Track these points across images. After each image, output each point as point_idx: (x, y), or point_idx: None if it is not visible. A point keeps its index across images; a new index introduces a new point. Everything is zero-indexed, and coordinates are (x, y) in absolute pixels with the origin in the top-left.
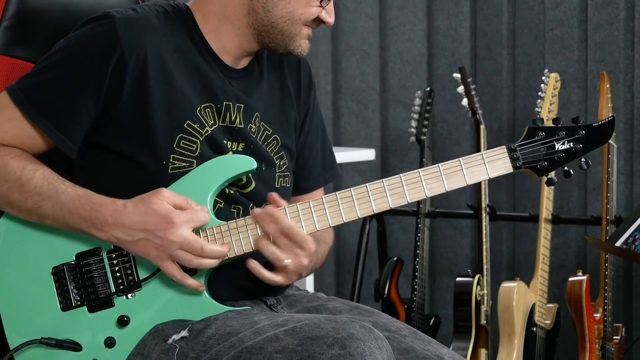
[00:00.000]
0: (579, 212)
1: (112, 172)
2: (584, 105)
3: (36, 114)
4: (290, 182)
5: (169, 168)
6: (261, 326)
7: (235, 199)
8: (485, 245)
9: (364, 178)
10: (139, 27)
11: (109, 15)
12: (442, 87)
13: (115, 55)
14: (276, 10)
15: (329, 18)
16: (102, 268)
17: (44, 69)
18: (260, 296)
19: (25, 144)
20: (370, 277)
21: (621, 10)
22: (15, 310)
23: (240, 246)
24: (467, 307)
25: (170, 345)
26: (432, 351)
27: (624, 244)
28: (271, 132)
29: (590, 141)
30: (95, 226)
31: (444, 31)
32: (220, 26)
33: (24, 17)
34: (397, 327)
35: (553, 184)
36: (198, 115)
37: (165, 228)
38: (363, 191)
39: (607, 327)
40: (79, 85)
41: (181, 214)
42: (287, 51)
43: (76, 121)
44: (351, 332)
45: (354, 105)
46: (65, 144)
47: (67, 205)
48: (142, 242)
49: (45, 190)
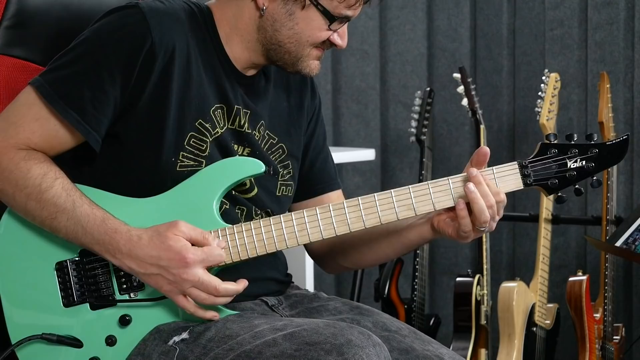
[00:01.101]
0: (579, 212)
1: (122, 162)
2: (584, 105)
3: (65, 108)
4: (292, 191)
5: (178, 165)
6: (260, 330)
7: (241, 201)
8: (485, 245)
9: (364, 178)
10: (168, 19)
11: (136, 5)
12: (442, 87)
13: (146, 45)
14: (283, 30)
15: (340, 41)
16: (106, 266)
17: (71, 61)
18: (262, 297)
19: (51, 143)
20: (370, 277)
21: (621, 10)
22: (18, 305)
23: (245, 250)
24: (467, 307)
25: (171, 347)
26: (432, 351)
27: (624, 244)
28: (276, 141)
29: (603, 160)
30: (109, 252)
31: (444, 31)
32: (232, 35)
33: (24, 17)
34: (397, 327)
35: (563, 201)
36: (211, 115)
37: (178, 266)
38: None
39: (607, 327)
40: (109, 76)
41: (196, 252)
42: (295, 70)
43: (104, 113)
44: (349, 338)
45: (354, 105)
46: (92, 136)
47: (82, 221)
48: (154, 277)
49: (62, 201)
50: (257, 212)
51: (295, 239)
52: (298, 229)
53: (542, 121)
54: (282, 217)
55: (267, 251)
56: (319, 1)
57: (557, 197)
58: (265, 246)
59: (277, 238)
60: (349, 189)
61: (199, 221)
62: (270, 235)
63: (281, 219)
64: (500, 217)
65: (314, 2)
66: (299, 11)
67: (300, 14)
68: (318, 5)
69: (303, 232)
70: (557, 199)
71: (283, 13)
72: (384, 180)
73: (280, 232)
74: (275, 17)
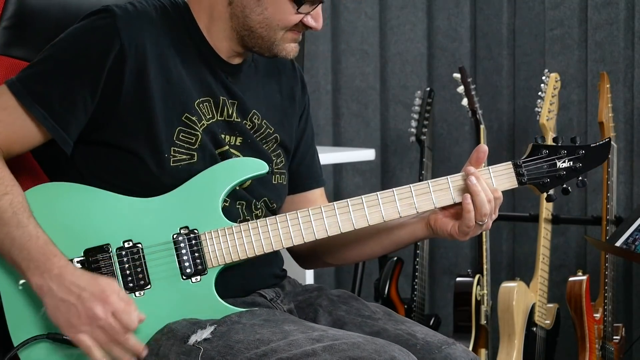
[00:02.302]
0: (579, 212)
1: (116, 167)
2: (584, 105)
3: (31, 102)
4: (286, 180)
5: (171, 161)
6: (296, 339)
7: (240, 195)
8: (485, 245)
9: (364, 178)
10: (138, 21)
11: (109, 9)
12: (442, 87)
13: (114, 49)
14: (253, 16)
15: (314, 23)
16: (111, 265)
17: (42, 60)
18: (259, 290)
19: (18, 134)
20: (370, 277)
21: (621, 10)
22: (21, 305)
23: (243, 251)
24: (467, 307)
25: (193, 347)
26: (404, 330)
27: (624, 244)
28: (273, 131)
29: (589, 160)
30: (38, 269)
31: (444, 31)
32: (211, 25)
33: (23, 17)
34: (371, 312)
35: (553, 200)
36: (196, 108)
37: (96, 301)
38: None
39: (607, 327)
40: (76, 77)
41: (118, 301)
42: (271, 54)
43: (72, 113)
44: (393, 354)
45: (354, 105)
46: (59, 134)
47: (21, 239)
48: (67, 305)
49: (6, 217)
50: (257, 205)
51: (301, 236)
52: (304, 227)
53: (542, 121)
54: (288, 215)
55: (274, 248)
56: None
57: (548, 195)
58: (272, 244)
59: (283, 236)
60: (349, 189)
61: (203, 220)
62: (276, 234)
63: (287, 217)
64: (497, 216)
65: None
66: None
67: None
68: None
69: (309, 230)
70: (547, 198)
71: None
72: (384, 180)
73: (287, 230)
74: (244, 4)
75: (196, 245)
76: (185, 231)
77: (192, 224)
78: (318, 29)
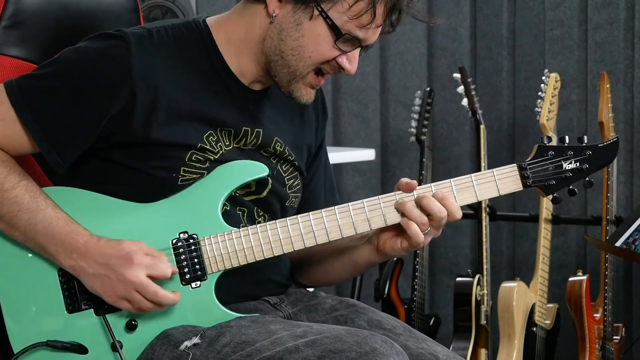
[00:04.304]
0: (579, 212)
1: (122, 180)
2: (584, 105)
3: (31, 120)
4: (297, 204)
5: (179, 180)
6: (279, 336)
7: (241, 202)
8: (485, 245)
9: (364, 178)
10: (153, 54)
11: (125, 37)
12: (442, 87)
13: (126, 85)
14: (288, 40)
15: (349, 65)
16: None
17: (48, 75)
18: (263, 296)
19: (10, 144)
20: (370, 277)
21: (621, 10)
22: (19, 311)
23: (243, 256)
24: (467, 307)
25: (183, 352)
26: (426, 349)
27: (624, 244)
28: (293, 158)
29: (596, 161)
30: (66, 252)
31: (444, 31)
32: (242, 49)
33: (22, 17)
34: (392, 325)
35: (559, 202)
36: (210, 140)
37: (124, 265)
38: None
39: (607, 327)
40: (82, 104)
41: (144, 258)
42: (287, 90)
43: (71, 139)
44: (374, 346)
45: (354, 105)
46: (53, 157)
47: (44, 222)
48: (101, 277)
49: (26, 202)
50: (260, 214)
51: (301, 241)
52: (304, 231)
53: (542, 121)
54: (289, 220)
55: (274, 254)
56: (328, 13)
57: (554, 197)
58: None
59: (283, 241)
60: (349, 189)
61: (203, 225)
62: (276, 239)
63: (287, 222)
64: (459, 216)
65: (323, 13)
66: (307, 21)
67: (307, 25)
68: (327, 18)
69: (309, 235)
70: (553, 200)
71: (291, 22)
72: (384, 180)
73: (287, 235)
74: (283, 26)
75: (195, 251)
76: (184, 236)
77: (192, 229)
78: (351, 73)
